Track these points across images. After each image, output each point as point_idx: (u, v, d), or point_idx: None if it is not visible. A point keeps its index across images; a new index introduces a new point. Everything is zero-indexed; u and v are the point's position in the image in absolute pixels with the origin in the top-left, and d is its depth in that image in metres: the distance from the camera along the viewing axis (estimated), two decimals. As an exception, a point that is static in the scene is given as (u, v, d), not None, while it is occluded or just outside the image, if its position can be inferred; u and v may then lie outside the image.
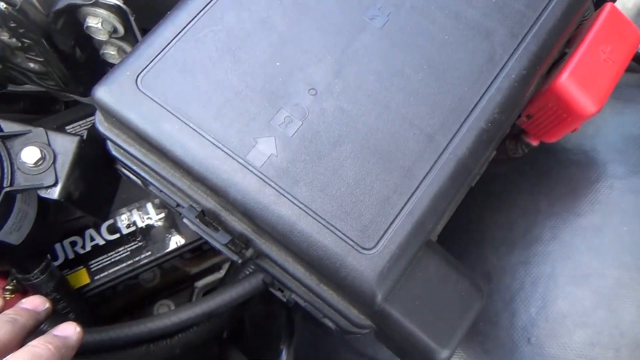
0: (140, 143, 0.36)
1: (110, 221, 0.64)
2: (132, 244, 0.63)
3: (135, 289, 0.67)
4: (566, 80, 0.42)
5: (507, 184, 0.54)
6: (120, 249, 0.63)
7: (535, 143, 0.49)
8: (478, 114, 0.36)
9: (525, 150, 0.51)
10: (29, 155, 0.42)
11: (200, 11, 0.37)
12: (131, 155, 0.37)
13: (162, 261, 0.64)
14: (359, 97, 0.36)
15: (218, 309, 0.49)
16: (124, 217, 0.64)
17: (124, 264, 0.62)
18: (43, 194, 0.43)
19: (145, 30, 0.44)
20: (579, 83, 0.42)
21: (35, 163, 0.42)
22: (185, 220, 0.35)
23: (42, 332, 0.37)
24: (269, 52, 0.36)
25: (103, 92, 0.34)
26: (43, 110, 0.67)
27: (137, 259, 0.62)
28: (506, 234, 0.50)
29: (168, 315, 0.50)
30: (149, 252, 0.63)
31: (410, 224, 0.32)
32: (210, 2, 0.37)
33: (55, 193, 0.43)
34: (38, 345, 0.33)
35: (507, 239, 0.50)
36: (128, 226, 0.64)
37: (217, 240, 0.34)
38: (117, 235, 0.63)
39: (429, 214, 0.33)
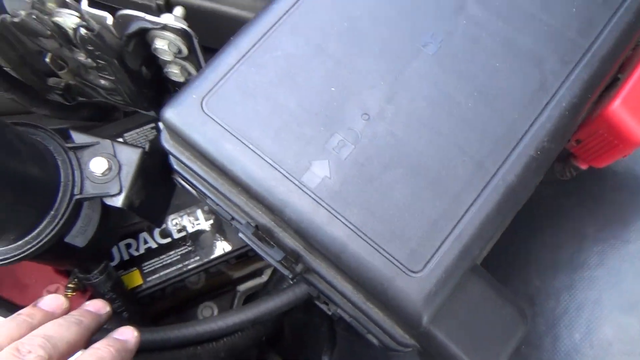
0: (202, 161, 0.38)
1: (163, 226, 0.67)
2: (182, 248, 0.67)
3: (181, 291, 0.71)
4: (618, 107, 0.42)
5: (554, 206, 0.54)
6: (171, 253, 0.66)
7: (584, 167, 0.49)
8: (527, 142, 0.37)
9: (573, 173, 0.51)
10: (97, 165, 0.46)
11: (261, 38, 0.39)
12: (193, 171, 0.39)
13: (209, 266, 0.67)
14: (410, 123, 0.37)
15: (263, 316, 0.51)
16: (175, 222, 0.67)
17: (174, 267, 0.65)
18: (108, 201, 0.46)
19: (207, 49, 0.47)
20: (631, 110, 0.42)
21: (103, 173, 0.46)
22: (241, 235, 0.37)
23: (104, 331, 0.40)
24: (325, 78, 0.38)
25: (171, 114, 0.37)
26: (104, 117, 0.71)
27: (186, 262, 0.66)
28: (551, 257, 0.50)
29: (215, 320, 0.52)
30: (197, 257, 0.66)
31: (457, 249, 0.33)
32: (270, 29, 0.39)
33: (119, 201, 0.46)
34: (101, 347, 0.36)
35: (553, 262, 0.50)
36: (179, 231, 0.67)
37: (271, 256, 0.36)
38: (169, 240, 0.67)
39: (475, 239, 0.34)
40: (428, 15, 0.41)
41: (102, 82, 0.49)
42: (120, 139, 0.66)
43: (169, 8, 0.50)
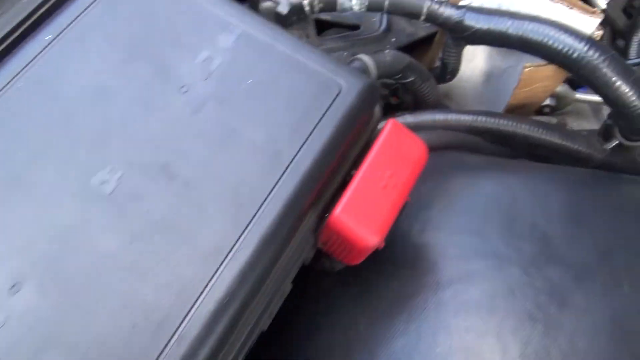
0: None
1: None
2: None
3: None
4: (339, 214, 0.39)
5: (331, 299, 0.51)
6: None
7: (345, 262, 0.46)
8: (208, 295, 0.32)
9: (340, 266, 0.48)
10: None
11: None
12: None
13: None
14: (71, 290, 0.32)
15: None
16: None
17: None
18: None
19: None
20: (354, 216, 0.39)
21: None
22: None
23: None
24: (-30, 244, 0.32)
25: None
26: None
27: None
28: (325, 361, 0.47)
29: None
30: None
31: None
32: None
33: None
34: None
35: (324, 368, 0.46)
36: None
37: None
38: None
39: None
40: (104, 147, 0.36)
41: None
42: None
43: None
